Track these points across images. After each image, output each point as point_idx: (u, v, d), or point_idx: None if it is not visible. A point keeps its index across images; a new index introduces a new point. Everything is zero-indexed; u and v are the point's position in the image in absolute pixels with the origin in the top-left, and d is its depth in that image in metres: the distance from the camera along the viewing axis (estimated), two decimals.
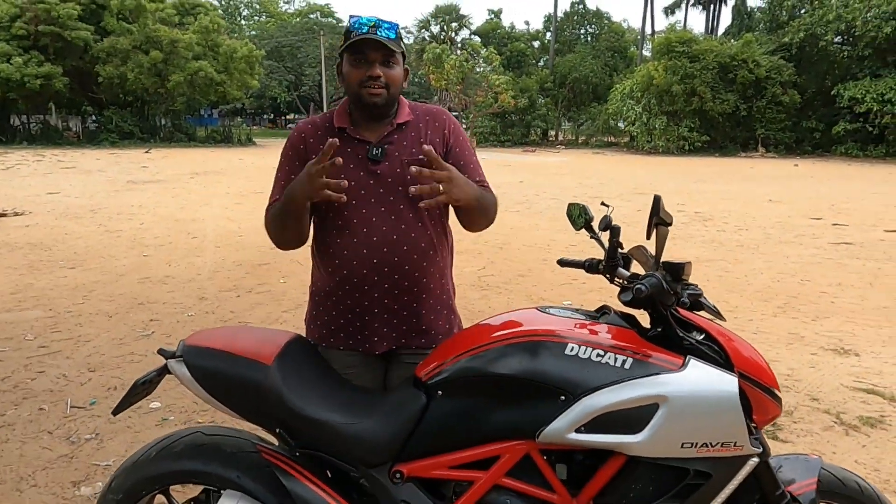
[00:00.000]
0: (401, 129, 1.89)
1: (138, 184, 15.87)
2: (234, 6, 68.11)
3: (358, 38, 1.77)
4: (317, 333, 1.98)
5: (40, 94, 32.15)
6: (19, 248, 7.99)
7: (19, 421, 3.35)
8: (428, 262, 1.89)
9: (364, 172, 1.85)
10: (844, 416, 3.50)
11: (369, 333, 1.91)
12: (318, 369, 1.79)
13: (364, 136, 1.87)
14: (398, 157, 1.86)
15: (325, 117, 1.96)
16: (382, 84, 1.80)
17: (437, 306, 1.96)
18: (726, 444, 1.53)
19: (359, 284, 1.86)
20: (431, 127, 1.93)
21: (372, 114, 1.86)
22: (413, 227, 1.86)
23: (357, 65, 1.81)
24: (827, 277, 6.89)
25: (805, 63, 33.87)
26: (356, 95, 1.83)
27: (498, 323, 1.75)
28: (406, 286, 1.88)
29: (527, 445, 1.59)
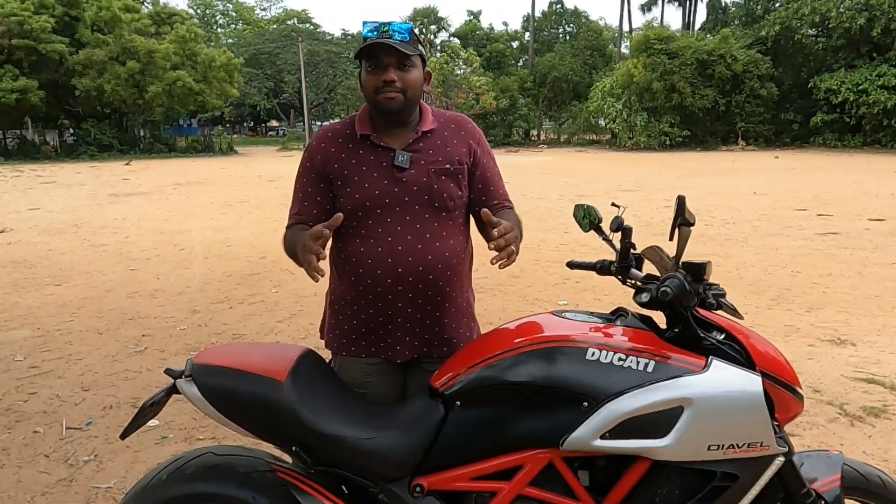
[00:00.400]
0: (426, 137, 1.87)
1: (121, 196, 15.68)
2: (210, 14, 67.68)
3: (370, 43, 1.74)
4: (336, 342, 1.95)
5: (16, 109, 31.68)
6: (2, 266, 7.84)
7: (14, 445, 3.26)
8: (451, 271, 1.88)
9: (389, 180, 1.82)
10: (848, 407, 3.51)
11: (392, 342, 1.88)
12: (332, 384, 1.75)
13: (388, 143, 1.84)
14: (424, 165, 1.83)
15: (345, 123, 1.92)
16: (398, 88, 1.77)
17: (458, 315, 1.95)
18: (753, 444, 1.51)
19: (382, 294, 1.83)
20: (457, 136, 1.92)
21: (392, 120, 1.84)
22: (437, 236, 1.84)
23: (372, 71, 1.78)
24: (817, 268, 6.94)
25: (781, 56, 34.27)
26: (373, 102, 1.81)
27: (514, 329, 1.72)
28: (429, 295, 1.85)
29: (550, 454, 1.56)
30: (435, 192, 1.82)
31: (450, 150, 1.88)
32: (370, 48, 1.75)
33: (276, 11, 70.06)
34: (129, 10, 35.60)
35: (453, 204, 1.86)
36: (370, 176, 1.81)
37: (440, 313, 1.89)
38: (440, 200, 1.83)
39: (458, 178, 1.87)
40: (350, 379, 1.92)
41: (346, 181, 1.83)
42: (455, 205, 1.87)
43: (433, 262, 1.83)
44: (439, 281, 1.85)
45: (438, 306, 1.88)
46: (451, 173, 1.86)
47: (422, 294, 1.84)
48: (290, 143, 46.56)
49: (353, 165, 1.83)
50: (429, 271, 1.83)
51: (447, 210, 1.85)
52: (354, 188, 1.82)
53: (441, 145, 1.87)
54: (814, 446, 3.06)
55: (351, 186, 1.82)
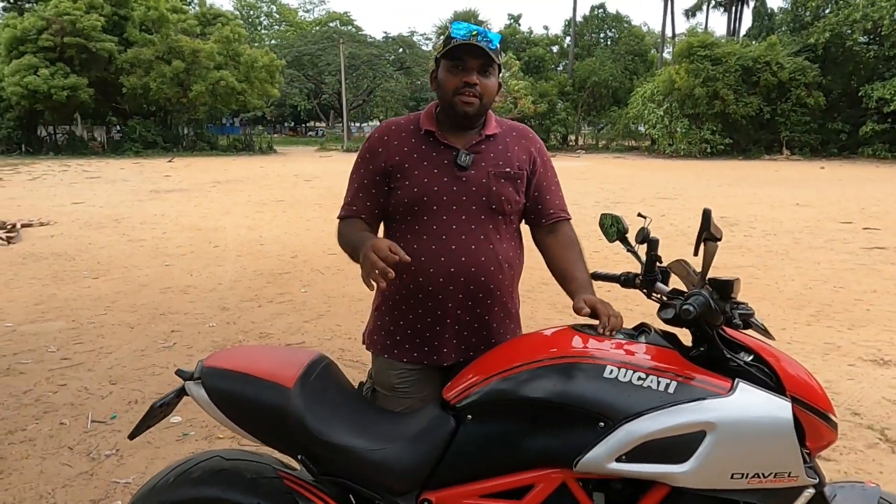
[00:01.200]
0: (489, 141, 1.87)
1: (161, 193, 16.01)
2: (254, 16, 68.90)
3: (458, 43, 1.74)
4: (380, 343, 1.93)
5: (66, 106, 32.71)
6: (44, 258, 8.05)
7: (40, 436, 3.31)
8: (503, 274, 1.86)
9: (448, 178, 1.82)
10: (889, 433, 3.34)
11: (439, 344, 1.86)
12: (341, 391, 1.71)
13: (451, 142, 1.84)
14: (484, 167, 1.84)
15: (409, 119, 1.93)
16: (477, 93, 1.78)
17: (506, 319, 1.92)
18: (780, 474, 1.42)
19: (433, 293, 1.82)
20: (518, 143, 1.93)
21: (462, 122, 1.84)
22: (492, 238, 1.84)
23: (454, 71, 1.78)
24: (861, 284, 6.68)
25: (830, 64, 33.30)
26: (449, 103, 1.81)
27: (529, 343, 1.67)
28: (480, 297, 1.84)
29: (563, 474, 1.49)
30: (493, 194, 1.82)
31: (510, 155, 1.88)
32: (460, 48, 1.75)
33: (319, 13, 71.12)
34: (176, 11, 36.45)
35: (510, 208, 1.86)
36: (430, 171, 1.81)
37: (489, 316, 1.87)
38: (497, 203, 1.83)
39: (517, 182, 1.88)
40: (387, 383, 1.90)
41: (405, 174, 1.82)
42: (511, 209, 1.87)
43: (486, 263, 1.82)
44: (490, 283, 1.84)
45: (488, 309, 1.86)
46: (511, 177, 1.86)
47: (472, 296, 1.83)
48: (329, 144, 47.09)
49: (414, 159, 1.83)
50: (481, 273, 1.82)
51: (503, 213, 1.86)
52: (413, 182, 1.81)
53: (503, 150, 1.88)
54: (851, 473, 2.92)
55: (410, 179, 1.81)
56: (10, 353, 4.58)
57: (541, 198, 1.94)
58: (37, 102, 31.58)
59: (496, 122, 1.93)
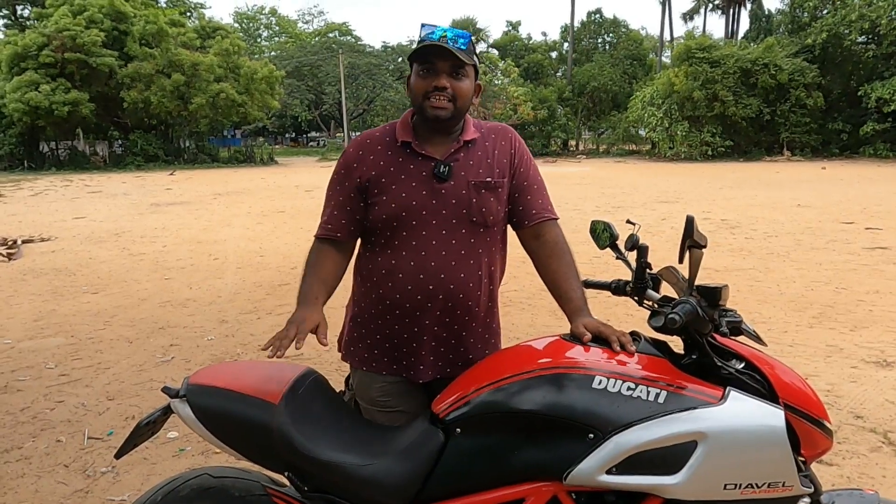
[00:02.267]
0: (467, 147, 1.81)
1: (162, 206, 16.03)
2: (253, 28, 69.22)
3: (425, 45, 1.68)
4: (357, 356, 1.89)
5: (68, 121, 32.82)
6: (44, 273, 8.05)
7: (36, 454, 3.29)
8: (482, 290, 1.81)
9: (427, 191, 1.76)
10: (893, 436, 3.29)
11: (415, 360, 1.82)
12: (329, 405, 1.69)
13: (429, 153, 1.78)
14: (464, 176, 1.77)
15: (384, 130, 1.86)
16: (449, 96, 1.71)
17: (485, 335, 1.88)
18: (774, 484, 1.40)
19: (410, 310, 1.77)
20: (498, 146, 1.85)
21: (436, 128, 1.77)
22: (473, 252, 1.78)
23: (424, 75, 1.73)
24: (863, 285, 6.64)
25: (829, 64, 33.28)
26: (420, 107, 1.75)
27: (519, 353, 1.64)
28: (458, 314, 1.79)
29: (554, 487, 1.47)
30: (474, 206, 1.76)
31: (490, 161, 1.82)
32: (426, 50, 1.69)
33: (319, 25, 71.32)
34: (175, 25, 36.61)
35: (492, 220, 1.81)
36: (408, 185, 1.75)
37: (467, 333, 1.83)
38: (478, 216, 1.78)
39: (498, 192, 1.81)
40: (367, 396, 1.87)
41: (382, 189, 1.77)
42: (493, 220, 1.81)
43: (465, 280, 1.77)
44: (469, 300, 1.79)
45: (466, 326, 1.82)
46: (491, 187, 1.80)
47: (451, 313, 1.78)
48: (330, 154, 47.11)
49: (391, 173, 1.77)
50: (460, 290, 1.77)
51: (485, 226, 1.80)
52: (391, 197, 1.76)
53: (482, 156, 1.82)
54: (853, 477, 2.88)
55: (387, 195, 1.76)
56: (9, 370, 4.56)
57: (522, 198, 1.86)
58: (38, 118, 31.69)
59: (475, 126, 1.86)
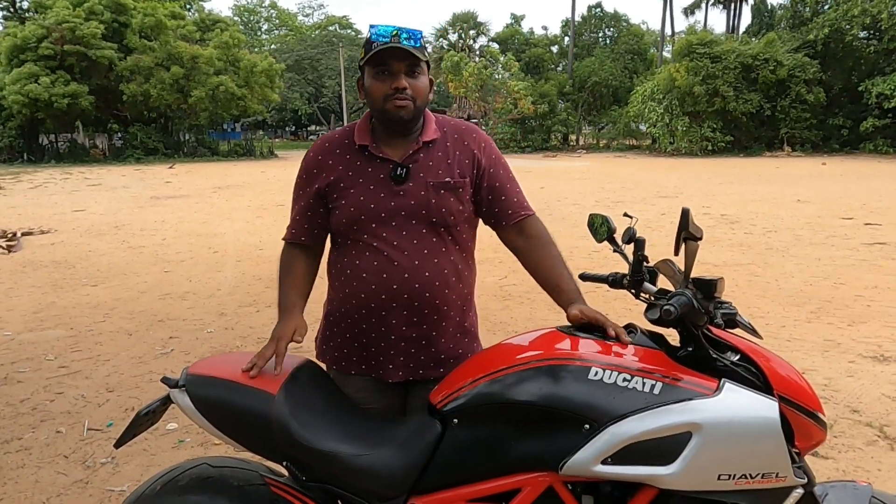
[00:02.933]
0: (427, 148, 1.78)
1: (161, 199, 16.04)
2: (254, 21, 69.05)
3: (380, 48, 1.67)
4: (328, 356, 1.91)
5: (67, 113, 32.80)
6: (44, 266, 8.06)
7: (36, 445, 3.31)
8: (450, 289, 1.79)
9: (386, 194, 1.74)
10: (889, 430, 3.31)
11: (384, 360, 1.81)
12: (327, 397, 1.70)
13: (387, 155, 1.77)
14: (423, 178, 1.75)
15: (344, 132, 1.85)
16: (409, 96, 1.69)
17: (457, 335, 1.86)
18: (767, 475, 1.41)
19: (376, 310, 1.77)
20: (459, 146, 1.82)
21: (397, 129, 1.76)
22: (436, 252, 1.77)
23: (380, 77, 1.70)
24: (862, 280, 6.65)
25: (830, 59, 33.20)
26: (381, 111, 1.72)
27: (516, 345, 1.65)
28: (425, 314, 1.78)
29: (549, 477, 1.48)
30: (433, 206, 1.75)
31: (451, 162, 1.79)
32: (382, 53, 1.67)
33: (319, 18, 71.18)
34: (175, 17, 36.53)
35: (453, 220, 1.79)
36: (366, 189, 1.75)
37: (436, 333, 1.81)
38: (438, 216, 1.76)
39: (459, 192, 1.79)
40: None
41: (341, 193, 1.77)
42: (455, 220, 1.79)
43: (430, 279, 1.75)
44: (436, 299, 1.77)
45: (435, 325, 1.80)
46: (451, 187, 1.77)
47: (417, 312, 1.77)
48: None
49: (349, 177, 1.77)
50: (425, 289, 1.75)
51: (446, 226, 1.78)
52: (350, 201, 1.76)
53: (442, 157, 1.79)
54: (849, 471, 2.90)
55: (346, 199, 1.76)
56: (8, 361, 4.58)
57: (496, 200, 1.84)
58: (38, 111, 31.66)
59: (437, 124, 1.83)
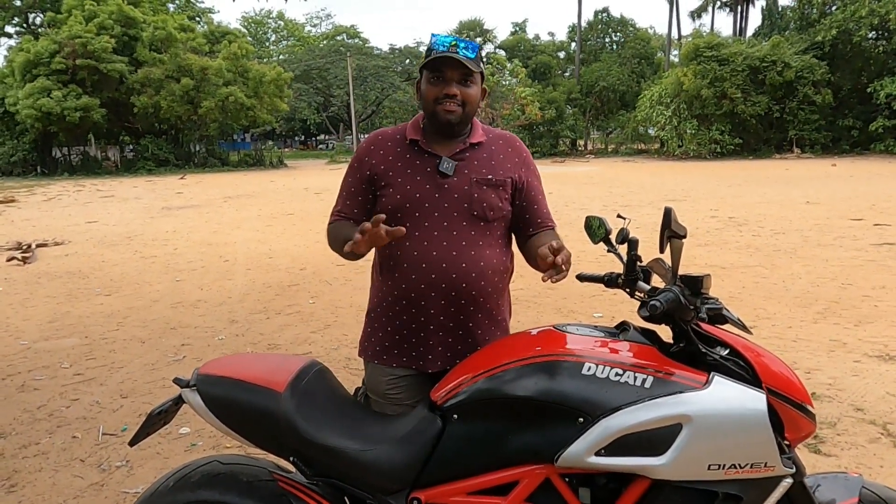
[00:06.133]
0: (473, 149, 1.91)
1: (173, 209, 16.21)
2: (261, 32, 69.63)
3: (437, 55, 1.79)
4: (370, 350, 1.98)
5: (80, 126, 33.19)
6: (58, 276, 8.19)
7: (53, 449, 3.40)
8: (486, 281, 1.88)
9: (431, 185, 1.86)
10: (892, 427, 3.33)
11: (424, 351, 1.89)
12: (332, 395, 1.76)
13: (435, 150, 1.89)
14: (467, 174, 1.87)
15: (397, 129, 1.99)
16: (458, 102, 1.82)
17: (492, 327, 1.94)
18: (756, 464, 1.45)
19: (416, 300, 1.86)
20: (504, 152, 1.96)
21: (446, 131, 1.88)
22: (474, 245, 1.86)
23: (435, 82, 1.83)
24: (869, 280, 6.65)
25: (839, 61, 33.09)
26: (432, 112, 1.85)
27: (513, 343, 1.71)
28: (462, 304, 1.86)
29: (546, 470, 1.53)
30: (475, 200, 1.85)
31: (495, 163, 1.91)
32: (438, 60, 1.80)
33: (326, 28, 71.65)
34: (184, 30, 36.95)
35: (493, 214, 1.89)
36: (413, 178, 1.86)
37: (473, 324, 1.89)
38: (479, 210, 1.86)
39: (500, 190, 1.90)
40: (378, 390, 1.95)
41: (388, 181, 1.88)
42: (495, 216, 1.89)
43: (467, 269, 1.84)
44: (473, 290, 1.86)
45: (471, 316, 1.89)
46: (494, 185, 1.89)
47: (454, 302, 1.86)
48: (339, 156, 47.34)
49: (398, 167, 1.89)
50: (462, 279, 1.84)
51: (486, 220, 1.88)
52: (396, 189, 1.86)
53: (487, 158, 1.91)
54: (851, 468, 2.93)
55: (393, 187, 1.87)
56: (25, 369, 4.68)
57: (528, 208, 1.96)
58: (51, 124, 32.08)
59: (483, 130, 1.96)
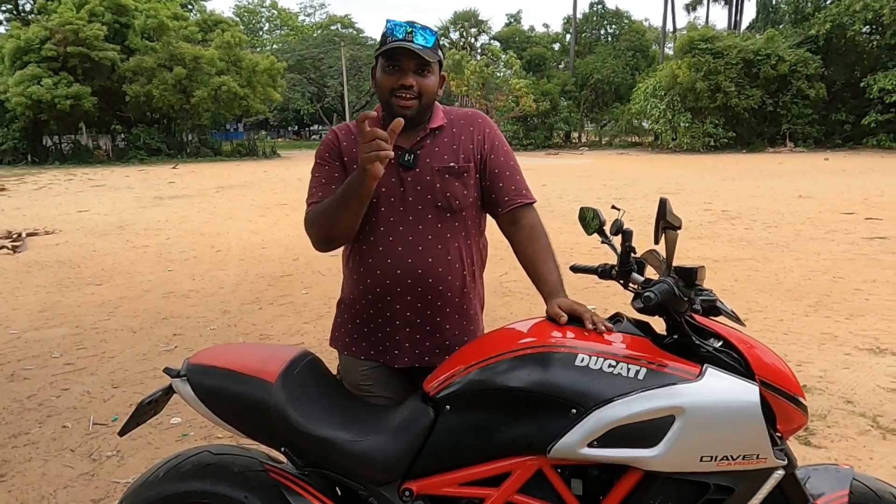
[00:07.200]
0: (433, 135, 1.84)
1: (165, 199, 16.12)
2: (255, 22, 69.14)
3: (392, 45, 1.70)
4: (340, 342, 1.94)
5: (71, 115, 32.89)
6: (49, 266, 8.14)
7: (43, 439, 3.38)
8: (453, 275, 1.83)
9: (394, 179, 1.79)
10: (881, 420, 3.36)
11: (391, 346, 1.86)
12: (324, 385, 1.75)
13: (396, 142, 1.78)
14: (429, 163, 1.81)
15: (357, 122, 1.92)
16: (414, 94, 1.74)
17: (462, 322, 1.89)
18: (748, 456, 1.45)
19: (381, 294, 1.82)
20: (465, 132, 1.87)
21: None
22: (441, 238, 1.81)
23: (390, 72, 1.74)
24: (860, 274, 6.68)
25: (833, 55, 33.13)
26: (387, 103, 1.78)
27: (507, 334, 1.70)
28: (429, 300, 1.82)
29: (538, 461, 1.53)
30: (438, 191, 1.80)
31: (456, 147, 1.84)
32: (393, 50, 1.71)
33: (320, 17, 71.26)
34: (177, 18, 36.64)
35: (458, 204, 1.83)
36: None
37: (441, 318, 1.84)
38: (444, 201, 1.80)
39: (464, 176, 1.83)
40: (351, 381, 1.92)
41: None
42: (460, 205, 1.83)
43: (434, 265, 1.80)
44: (440, 285, 1.81)
45: (439, 311, 1.84)
46: (456, 172, 1.82)
47: (421, 298, 1.81)
48: None
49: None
50: (429, 275, 1.79)
51: (451, 211, 1.82)
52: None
53: (448, 142, 1.84)
54: (841, 460, 2.94)
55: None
56: (15, 359, 4.65)
57: (494, 185, 1.87)
58: (41, 112, 31.78)
59: (443, 113, 1.88)
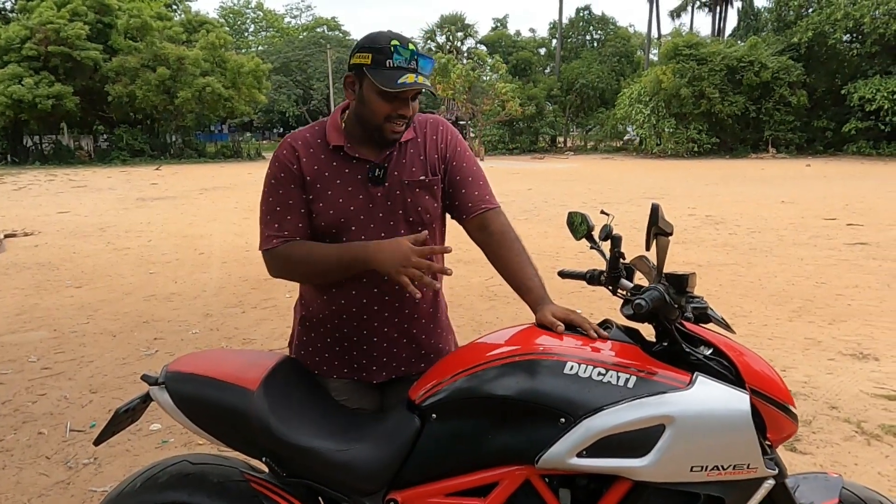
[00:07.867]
0: (401, 148, 1.77)
1: (147, 201, 15.94)
2: (240, 23, 68.78)
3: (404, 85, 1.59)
4: (308, 360, 1.85)
5: (52, 115, 32.50)
6: (27, 268, 8.00)
7: (18, 446, 3.29)
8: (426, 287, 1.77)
9: (364, 196, 1.72)
10: (866, 425, 3.37)
11: (367, 363, 1.81)
12: (307, 393, 1.71)
13: (363, 155, 1.73)
14: (398, 176, 1.74)
15: (314, 132, 1.77)
16: (408, 121, 1.70)
17: (437, 329, 1.88)
18: (739, 466, 1.43)
19: (357, 314, 1.76)
20: (429, 141, 1.81)
21: (383, 143, 1.72)
22: None
23: (390, 99, 1.63)
24: (843, 279, 6.74)
25: (814, 62, 33.59)
26: (378, 127, 1.67)
27: (494, 341, 1.67)
28: (406, 314, 1.79)
29: (526, 471, 1.50)
30: (410, 205, 1.74)
31: (423, 158, 1.78)
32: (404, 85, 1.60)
33: (306, 19, 71.02)
34: (161, 18, 36.32)
35: (429, 217, 1.79)
36: (344, 191, 1.71)
37: (417, 330, 1.82)
38: (415, 215, 1.76)
39: (434, 189, 1.79)
40: None
41: (318, 196, 1.71)
42: (431, 218, 1.80)
43: None
44: (416, 298, 1.73)
45: (415, 323, 1.81)
46: (426, 185, 1.77)
47: (398, 312, 1.78)
48: None
49: (326, 179, 1.72)
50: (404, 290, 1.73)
51: (423, 224, 1.77)
52: (328, 204, 1.71)
53: (415, 154, 1.78)
54: (826, 466, 2.95)
55: (324, 202, 1.71)
56: None
57: (457, 192, 1.81)
58: (22, 112, 31.36)
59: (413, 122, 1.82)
